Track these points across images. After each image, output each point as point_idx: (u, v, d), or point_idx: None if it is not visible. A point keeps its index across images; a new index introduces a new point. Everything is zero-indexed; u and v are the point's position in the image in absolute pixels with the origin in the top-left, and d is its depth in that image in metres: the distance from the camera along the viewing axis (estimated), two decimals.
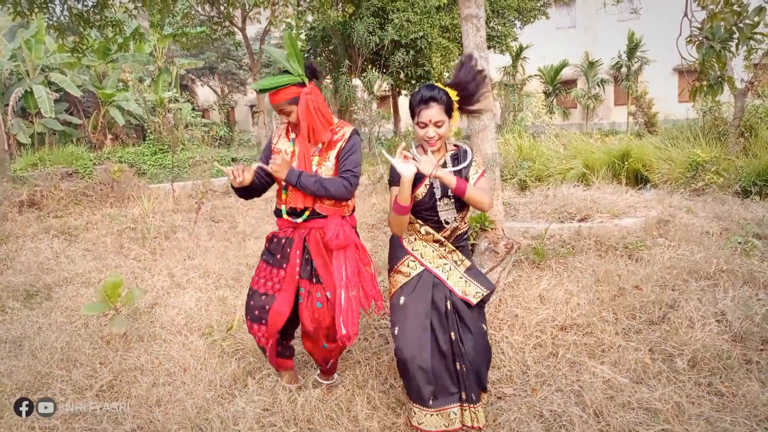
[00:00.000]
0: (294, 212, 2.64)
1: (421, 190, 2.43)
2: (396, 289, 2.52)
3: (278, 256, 2.66)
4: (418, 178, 2.38)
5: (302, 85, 2.50)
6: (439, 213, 2.44)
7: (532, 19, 16.73)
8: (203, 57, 22.24)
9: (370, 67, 15.09)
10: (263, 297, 2.65)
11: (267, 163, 2.56)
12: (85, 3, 6.96)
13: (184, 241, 6.03)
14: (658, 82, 20.44)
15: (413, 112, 2.40)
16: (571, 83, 23.51)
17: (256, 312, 2.65)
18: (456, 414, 2.41)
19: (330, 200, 2.58)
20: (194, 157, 12.19)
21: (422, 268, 2.48)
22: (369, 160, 11.20)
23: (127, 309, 3.83)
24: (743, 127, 8.48)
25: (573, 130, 14.89)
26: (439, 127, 2.37)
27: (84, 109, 17.46)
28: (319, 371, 2.97)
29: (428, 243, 2.50)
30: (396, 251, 2.58)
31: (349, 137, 2.57)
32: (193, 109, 17.86)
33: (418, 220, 2.48)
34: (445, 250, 2.49)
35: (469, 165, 2.46)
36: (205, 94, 27.64)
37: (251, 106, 28.28)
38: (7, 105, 14.19)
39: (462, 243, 2.56)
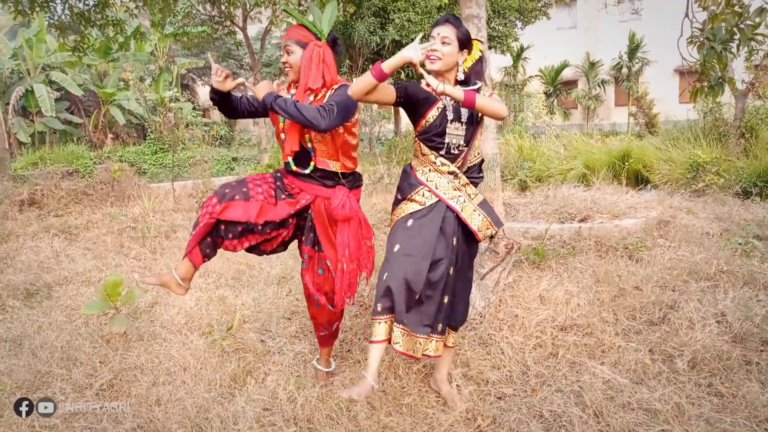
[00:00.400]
0: (301, 163, 2.60)
1: (433, 113, 2.43)
2: (405, 214, 2.49)
3: (281, 192, 2.62)
4: (431, 101, 2.41)
5: (317, 38, 2.57)
6: (446, 136, 2.42)
7: (533, 20, 16.72)
8: (204, 56, 22.23)
9: (371, 66, 15.08)
10: (244, 190, 2.54)
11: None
12: (87, 2, 6.95)
13: (185, 240, 6.02)
14: (659, 82, 20.46)
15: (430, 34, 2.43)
16: (571, 84, 23.52)
17: (227, 191, 2.52)
18: (421, 344, 2.39)
19: (320, 142, 2.55)
20: (195, 156, 12.19)
21: (436, 199, 2.46)
22: (369, 159, 11.20)
23: (127, 308, 3.83)
24: (744, 128, 8.48)
25: (574, 131, 14.88)
26: (445, 44, 2.38)
27: (85, 108, 17.47)
28: (317, 358, 2.98)
29: (442, 174, 2.48)
30: (409, 181, 2.54)
31: (338, 86, 2.54)
32: (194, 108, 17.85)
33: (432, 151, 2.47)
34: (459, 182, 2.49)
35: (478, 90, 2.44)
36: (205, 93, 27.60)
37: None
38: (8, 104, 14.20)
39: (475, 177, 2.57)
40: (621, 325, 3.36)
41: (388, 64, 2.22)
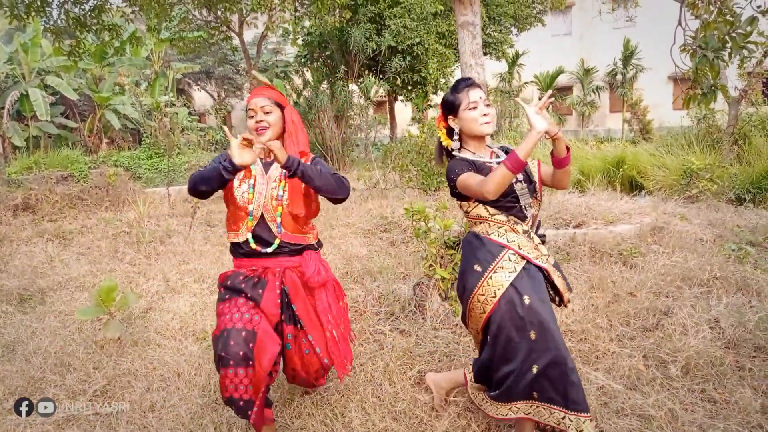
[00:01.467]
0: (263, 242, 2.34)
1: None
2: (503, 290, 2.17)
3: (248, 294, 2.29)
4: (489, 165, 2.24)
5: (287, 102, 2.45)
6: (519, 197, 2.25)
7: (528, 26, 16.83)
8: (200, 61, 22.25)
9: (366, 72, 15.14)
10: (243, 333, 2.17)
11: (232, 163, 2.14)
12: (82, 7, 6.96)
13: (179, 245, 6.02)
14: (653, 89, 20.60)
15: (457, 104, 2.28)
16: (566, 90, 23.64)
17: (241, 353, 2.13)
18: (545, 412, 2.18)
19: (305, 217, 2.38)
20: (190, 161, 12.18)
21: (524, 261, 2.21)
22: (365, 165, 11.22)
23: (121, 313, 3.82)
24: (737, 135, 8.54)
25: (569, 137, 14.95)
26: (488, 106, 2.27)
27: (80, 113, 17.43)
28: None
29: (518, 234, 2.24)
30: (487, 248, 2.24)
31: (312, 158, 2.39)
32: (190, 113, 17.86)
33: (499, 211, 2.25)
34: (533, 243, 2.27)
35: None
36: (201, 98, 27.64)
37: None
38: (3, 108, 14.15)
39: (542, 237, 2.35)
40: (615, 331, 3.38)
41: (523, 151, 2.00)
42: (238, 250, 2.40)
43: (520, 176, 2.28)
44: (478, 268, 2.24)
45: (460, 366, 3.07)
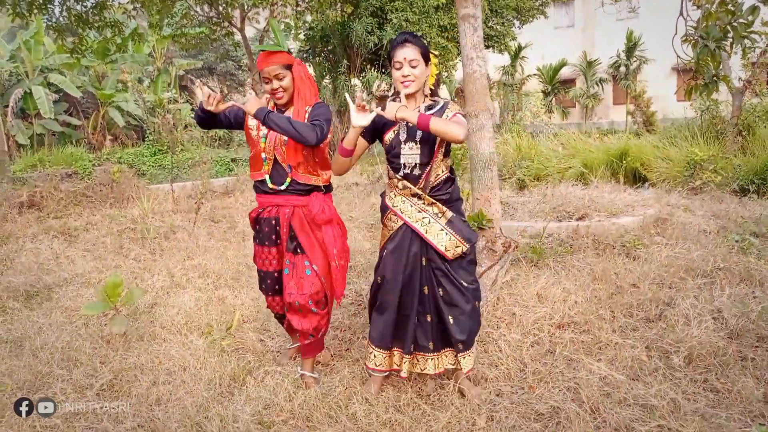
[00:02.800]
0: (277, 180, 2.75)
1: (389, 136, 2.56)
2: (384, 240, 2.68)
3: (273, 237, 2.82)
4: (388, 125, 2.54)
5: (290, 55, 2.71)
6: (401, 156, 2.52)
7: (531, 19, 16.74)
8: (202, 57, 22.26)
9: (368, 66, 15.11)
10: (275, 274, 2.88)
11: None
12: (84, 4, 6.98)
13: (184, 241, 6.05)
14: (657, 81, 20.49)
15: (390, 58, 2.51)
16: (569, 82, 23.54)
17: (277, 286, 2.89)
18: (399, 357, 2.72)
19: (308, 162, 2.72)
20: (194, 157, 12.21)
21: (401, 222, 2.58)
22: (368, 159, 11.23)
23: (127, 309, 3.85)
24: (741, 126, 8.51)
25: (572, 130, 14.91)
26: (414, 67, 2.43)
27: (83, 110, 17.47)
28: (300, 366, 2.97)
29: (407, 197, 2.58)
30: (382, 207, 2.71)
31: (315, 104, 2.72)
32: (193, 109, 17.85)
33: (396, 174, 2.59)
34: (423, 203, 2.56)
35: (442, 109, 2.52)
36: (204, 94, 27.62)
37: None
38: (7, 106, 14.21)
39: (443, 194, 2.58)
40: (618, 322, 3.39)
41: (347, 141, 2.48)
42: (259, 187, 2.84)
43: (404, 136, 2.51)
44: (380, 223, 2.76)
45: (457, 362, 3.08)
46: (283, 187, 2.75)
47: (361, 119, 2.39)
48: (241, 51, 21.63)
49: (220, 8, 13.04)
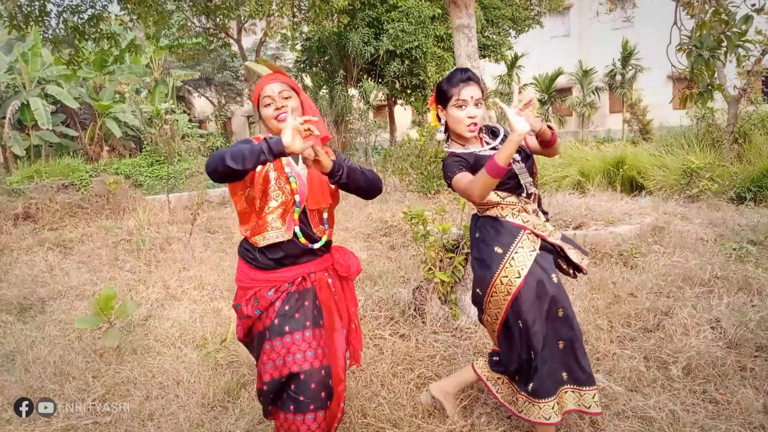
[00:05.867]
0: (311, 237, 2.06)
1: None
2: (527, 269, 2.17)
3: (314, 312, 2.05)
4: (485, 156, 2.20)
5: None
6: (519, 176, 2.22)
7: (527, 28, 16.84)
8: (199, 68, 22.32)
9: (365, 77, 15.17)
10: (323, 371, 1.98)
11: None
12: (81, 16, 6.98)
13: (180, 252, 6.02)
14: (653, 89, 20.58)
15: (447, 96, 2.23)
16: (566, 91, 23.65)
17: (323, 394, 1.96)
18: (571, 396, 2.24)
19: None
20: (191, 168, 12.20)
21: (539, 240, 2.23)
22: None
23: (120, 321, 3.81)
24: (737, 134, 8.53)
25: (569, 138, 14.96)
26: (478, 107, 2.21)
27: (80, 121, 17.47)
28: None
29: (529, 214, 2.24)
30: (506, 229, 2.22)
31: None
32: (190, 120, 17.88)
33: (508, 193, 2.24)
34: (541, 221, 2.28)
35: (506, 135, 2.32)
36: (201, 105, 27.72)
37: (248, 117, 28.38)
38: (4, 118, 14.20)
39: (545, 213, 2.36)
40: (616, 332, 3.36)
41: (503, 157, 1.96)
42: (268, 255, 2.03)
43: (517, 156, 2.23)
44: (498, 250, 2.20)
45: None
46: (317, 246, 2.06)
47: (523, 125, 1.95)
48: (238, 61, 21.72)
49: (217, 19, 13.08)
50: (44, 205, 8.07)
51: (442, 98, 2.27)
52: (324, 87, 14.96)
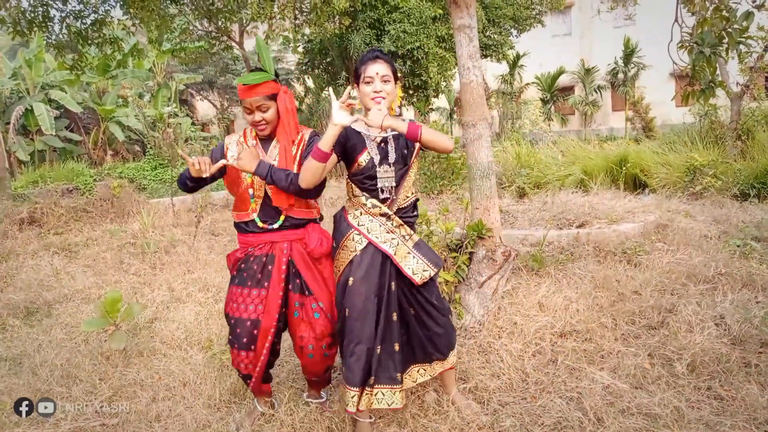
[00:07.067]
0: (269, 219, 2.52)
1: (364, 157, 2.41)
2: (344, 266, 2.46)
3: (258, 277, 2.51)
4: (360, 147, 2.41)
5: (276, 82, 2.50)
6: (378, 180, 2.41)
7: (528, 27, 16.81)
8: (202, 72, 22.40)
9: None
10: (248, 323, 2.48)
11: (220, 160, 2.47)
12: (84, 21, 7.02)
13: (184, 255, 6.04)
14: (655, 87, 20.54)
15: (358, 74, 2.42)
16: (568, 90, 23.60)
17: (245, 340, 2.48)
18: (386, 394, 2.43)
19: (301, 202, 2.53)
20: None
21: (367, 242, 2.43)
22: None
23: (126, 324, 3.83)
24: (740, 131, 8.51)
25: (571, 137, 14.92)
26: (385, 82, 2.36)
27: (84, 126, 17.55)
28: (306, 392, 2.89)
29: (374, 217, 2.45)
30: (340, 226, 2.53)
31: (309, 138, 2.54)
32: (193, 123, 17.95)
33: (363, 193, 2.45)
34: (392, 224, 2.45)
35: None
36: (204, 108, 27.80)
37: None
38: (8, 123, 14.28)
39: (409, 217, 2.53)
40: (620, 330, 3.36)
41: (325, 142, 2.24)
42: (244, 228, 2.57)
43: (392, 157, 2.40)
44: (333, 244, 2.56)
45: (459, 373, 3.06)
46: (275, 226, 2.52)
47: (344, 117, 2.22)
48: (241, 64, 21.78)
49: (219, 23, 13.12)
50: (49, 209, 8.11)
51: (356, 77, 2.45)
52: (326, 89, 14.97)
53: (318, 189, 2.43)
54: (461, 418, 2.60)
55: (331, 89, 2.52)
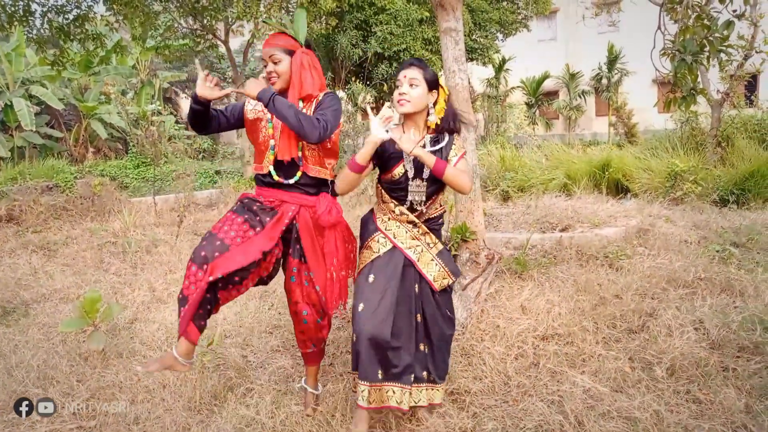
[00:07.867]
0: (285, 173, 2.48)
1: (399, 170, 2.45)
2: (364, 265, 2.50)
3: (257, 218, 2.44)
4: (397, 157, 2.44)
5: (296, 40, 2.51)
6: (409, 193, 2.46)
7: (514, 32, 16.94)
8: (186, 69, 22.16)
9: (353, 79, 15.15)
10: (218, 243, 2.31)
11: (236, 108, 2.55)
12: (66, 16, 6.91)
13: (166, 255, 5.97)
14: (638, 93, 20.79)
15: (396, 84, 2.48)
16: (553, 94, 23.81)
17: (203, 253, 2.27)
18: (400, 392, 2.39)
19: (312, 158, 2.49)
20: (177, 170, 12.11)
21: (391, 245, 2.48)
22: None
23: (105, 325, 3.77)
24: (720, 137, 8.65)
25: (555, 141, 15.06)
26: (412, 86, 2.38)
27: (65, 123, 17.26)
28: (304, 378, 2.87)
29: (402, 223, 2.52)
30: (368, 227, 2.59)
31: (324, 95, 2.50)
32: (177, 121, 17.76)
33: (393, 200, 2.51)
34: (418, 231, 2.52)
35: (449, 145, 2.48)
36: (188, 106, 27.53)
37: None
38: None
39: (436, 226, 2.60)
40: (601, 333, 3.39)
41: (362, 156, 2.35)
42: (261, 179, 2.56)
43: (426, 173, 2.42)
44: (359, 242, 2.62)
45: (449, 371, 3.06)
46: (292, 181, 2.49)
47: (382, 133, 2.29)
48: (226, 63, 21.59)
49: (204, 21, 13.01)
50: (28, 207, 7.96)
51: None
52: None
53: (326, 136, 2.36)
54: (444, 423, 2.60)
55: (368, 106, 2.57)
